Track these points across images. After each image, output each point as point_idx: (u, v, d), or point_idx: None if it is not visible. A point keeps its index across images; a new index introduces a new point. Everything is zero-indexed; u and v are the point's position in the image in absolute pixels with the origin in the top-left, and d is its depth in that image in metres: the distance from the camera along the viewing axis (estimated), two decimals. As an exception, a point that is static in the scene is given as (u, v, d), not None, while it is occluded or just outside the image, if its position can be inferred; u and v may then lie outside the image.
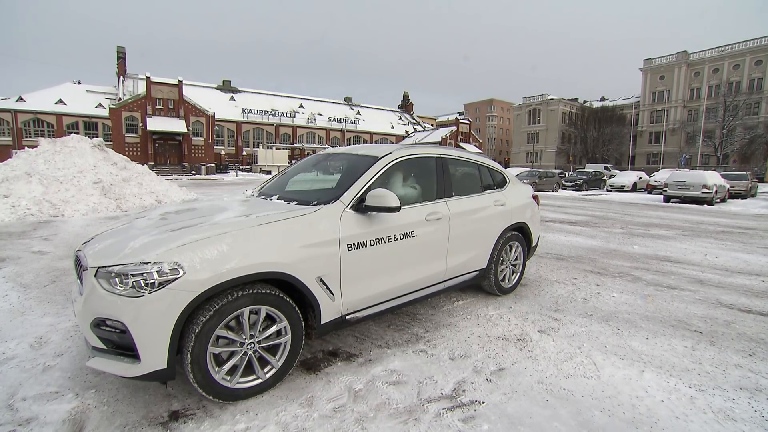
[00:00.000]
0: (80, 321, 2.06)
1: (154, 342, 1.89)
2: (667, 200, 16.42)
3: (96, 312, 1.95)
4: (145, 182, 11.06)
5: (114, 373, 1.94)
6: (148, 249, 1.99)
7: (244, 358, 2.15)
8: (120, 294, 1.89)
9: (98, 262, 2.02)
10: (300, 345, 2.33)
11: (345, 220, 2.51)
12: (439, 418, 2.00)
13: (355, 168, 2.95)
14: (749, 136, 47.33)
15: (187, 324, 1.98)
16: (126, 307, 1.87)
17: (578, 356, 2.69)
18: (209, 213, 2.56)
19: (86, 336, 2.04)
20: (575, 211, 11.98)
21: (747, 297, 4.07)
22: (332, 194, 2.64)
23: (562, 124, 69.11)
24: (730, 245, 6.88)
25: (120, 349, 1.98)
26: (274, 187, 3.44)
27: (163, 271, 1.89)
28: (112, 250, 2.09)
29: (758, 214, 12.39)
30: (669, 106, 58.77)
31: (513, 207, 3.94)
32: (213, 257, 1.99)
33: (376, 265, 2.65)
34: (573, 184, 23.98)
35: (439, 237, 3.12)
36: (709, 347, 2.89)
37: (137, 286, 1.89)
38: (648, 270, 5.05)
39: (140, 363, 1.89)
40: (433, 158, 3.36)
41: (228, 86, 57.31)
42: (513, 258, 4.05)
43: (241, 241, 2.11)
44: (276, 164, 40.76)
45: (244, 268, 2.05)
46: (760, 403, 2.21)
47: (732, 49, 54.18)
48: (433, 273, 3.10)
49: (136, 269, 1.90)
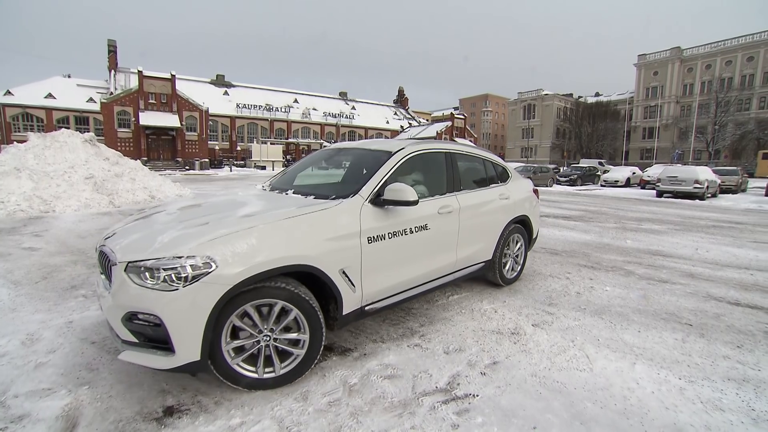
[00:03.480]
0: (109, 315, 2.08)
1: (189, 334, 1.94)
2: (660, 195, 16.57)
3: (128, 306, 1.97)
4: (138, 177, 10.94)
5: (147, 366, 1.99)
6: (179, 243, 2.03)
7: (266, 349, 2.20)
8: (153, 288, 1.92)
9: (128, 256, 2.04)
10: (322, 335, 2.35)
11: (364, 214, 2.57)
12: (433, 411, 2.02)
13: (370, 163, 3.02)
14: (740, 132, 47.84)
15: (218, 316, 2.02)
16: (161, 300, 1.91)
17: (571, 349, 2.72)
18: (230, 207, 2.60)
19: (116, 330, 2.06)
20: (569, 206, 12.06)
21: (736, 290, 4.13)
22: (351, 188, 2.70)
23: (557, 120, 69.31)
24: (720, 239, 6.97)
25: (152, 342, 2.01)
26: (286, 181, 3.49)
27: (196, 264, 1.94)
28: (140, 245, 2.10)
29: (748, 209, 12.55)
30: (662, 101, 59.15)
31: (516, 200, 4.05)
32: (243, 251, 2.03)
33: (393, 257, 2.72)
34: (567, 179, 24.07)
35: (450, 230, 3.21)
36: (698, 339, 2.93)
37: (169, 280, 1.92)
38: (641, 264, 5.10)
39: (175, 355, 1.94)
40: (442, 153, 3.44)
41: (222, 81, 56.71)
42: (516, 250, 4.18)
43: (269, 235, 2.17)
44: (271, 159, 40.51)
45: (274, 261, 2.10)
46: (747, 394, 2.26)
47: (724, 46, 54.53)
48: (444, 264, 3.20)
49: (169, 263, 1.93)
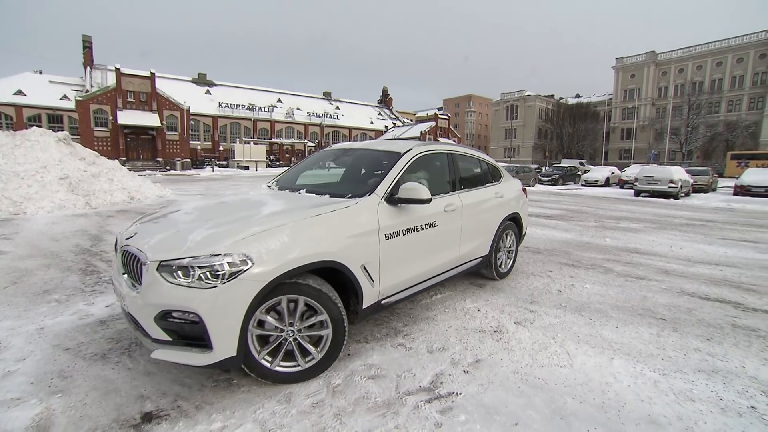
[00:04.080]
0: (139, 315, 2.08)
1: (226, 330, 1.98)
2: (637, 194, 17.05)
3: (163, 304, 1.98)
4: (117, 178, 10.64)
5: (183, 363, 2.00)
6: (214, 241, 2.07)
7: (291, 343, 2.25)
8: (190, 286, 1.95)
9: (159, 255, 2.05)
10: (345, 330, 2.41)
11: (381, 211, 2.68)
12: (417, 410, 2.03)
13: (381, 163, 3.16)
14: (710, 134, 49.85)
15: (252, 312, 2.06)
16: (199, 297, 1.94)
17: (552, 346, 2.77)
18: (250, 207, 2.70)
19: (146, 329, 2.06)
20: (551, 205, 12.30)
21: (707, 285, 4.29)
22: (366, 187, 2.83)
23: (539, 120, 70.61)
24: (692, 237, 7.23)
25: (187, 339, 2.03)
26: (295, 181, 3.60)
27: (233, 262, 1.98)
28: (172, 244, 2.12)
29: (718, 207, 13.05)
30: (639, 103, 61.00)
31: (508, 199, 4.29)
32: (277, 248, 2.11)
33: (406, 252, 2.84)
34: (549, 178, 24.52)
35: (455, 227, 3.38)
36: (672, 333, 3.03)
37: (205, 277, 1.96)
38: (619, 262, 5.24)
39: (212, 351, 1.97)
40: (444, 154, 3.64)
41: (204, 79, 55.65)
42: (508, 245, 4.40)
43: (299, 232, 2.25)
44: (254, 159, 40.01)
45: (305, 258, 2.18)
46: (716, 384, 2.35)
47: (695, 51, 56.76)
48: (448, 260, 3.37)
49: (206, 261, 1.98)
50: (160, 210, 3.02)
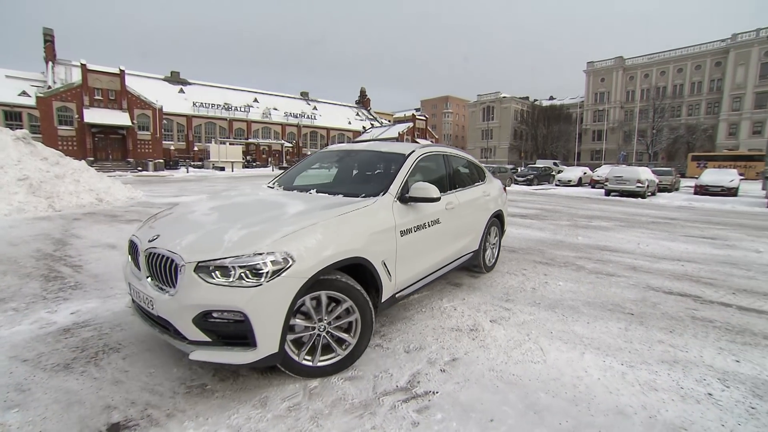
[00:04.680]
0: (174, 318, 2.07)
1: (270, 327, 2.04)
2: (608, 194, 17.69)
3: (203, 305, 1.99)
4: (83, 179, 10.17)
5: (226, 362, 2.03)
6: (254, 241, 2.11)
7: (319, 339, 2.33)
8: (232, 285, 1.98)
9: (196, 257, 2.06)
10: (372, 322, 2.52)
11: (395, 210, 2.84)
12: (394, 410, 2.04)
13: (388, 164, 3.35)
14: (674, 136, 52.56)
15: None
16: (245, 296, 1.97)
17: (527, 343, 2.84)
18: (271, 207, 2.77)
19: (182, 331, 2.06)
20: (526, 205, 12.59)
21: (670, 280, 4.50)
22: (378, 187, 2.98)
23: (515, 122, 72.25)
24: (658, 234, 7.57)
25: (227, 338, 2.06)
26: (299, 181, 3.71)
27: (276, 260, 2.05)
28: (207, 245, 2.14)
29: (680, 206, 13.71)
30: (609, 106, 63.39)
31: (494, 197, 4.61)
32: (313, 246, 2.19)
33: (416, 248, 3.01)
34: (525, 179, 25.05)
35: (454, 224, 3.60)
36: (638, 327, 3.16)
37: (245, 276, 2.00)
38: (590, 259, 5.42)
39: (256, 349, 2.02)
40: (441, 155, 3.85)
41: (177, 78, 54.00)
42: (493, 240, 4.73)
43: (330, 231, 2.34)
44: (230, 160, 39.13)
45: (338, 255, 2.28)
46: (677, 373, 2.48)
47: (659, 57, 59.67)
48: (448, 255, 3.59)
49: (249, 260, 2.02)
50: (166, 211, 2.97)
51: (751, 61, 51.00)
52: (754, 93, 50.70)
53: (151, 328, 2.33)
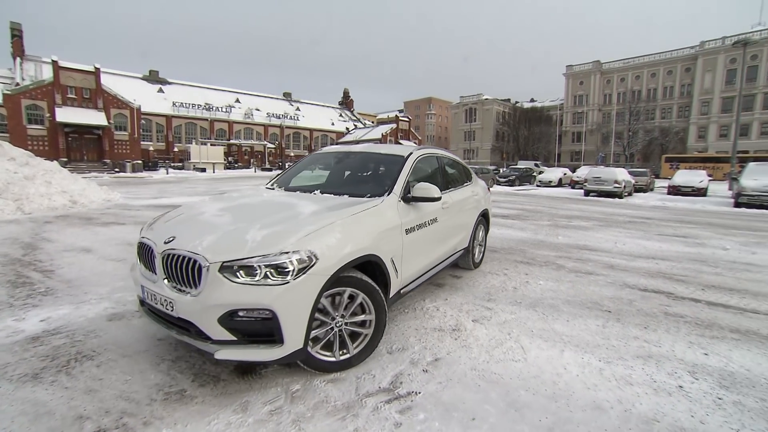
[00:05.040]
0: (198, 318, 2.08)
1: (296, 324, 2.10)
2: (587, 194, 18.15)
3: (228, 304, 2.02)
4: (55, 180, 9.80)
5: (253, 360, 2.09)
6: (279, 240, 2.15)
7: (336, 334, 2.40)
8: (260, 284, 2.03)
9: (221, 257, 2.08)
10: (386, 317, 2.61)
11: (399, 209, 2.96)
12: (376, 412, 2.04)
13: (389, 165, 3.46)
14: (648, 138, 54.47)
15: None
16: (272, 294, 2.01)
17: (508, 342, 2.88)
18: (283, 207, 2.80)
19: (207, 331, 2.07)
20: (508, 205, 12.79)
21: (645, 278, 4.65)
22: (382, 188, 3.09)
23: (497, 123, 73.37)
24: (634, 233, 7.80)
25: (253, 336, 2.09)
26: (299, 182, 3.75)
27: (302, 258, 2.10)
28: (230, 245, 2.15)
29: (655, 206, 14.18)
30: (587, 109, 65.13)
31: (481, 197, 4.82)
32: (333, 244, 2.27)
33: (419, 245, 3.13)
34: (506, 179, 25.43)
35: (448, 222, 3.75)
36: (615, 324, 3.25)
37: (271, 275, 2.05)
38: (570, 258, 5.54)
39: (283, 345, 2.07)
40: (434, 156, 3.98)
41: (155, 77, 52.75)
42: (480, 238, 4.91)
43: (346, 229, 2.42)
44: (211, 161, 38.46)
45: (355, 252, 2.37)
46: (650, 367, 2.56)
47: (634, 62, 61.78)
48: (444, 252, 3.73)
49: (275, 259, 2.06)
50: (172, 213, 2.93)
51: (717, 68, 53.46)
52: (720, 98, 53.15)
53: (166, 329, 2.32)
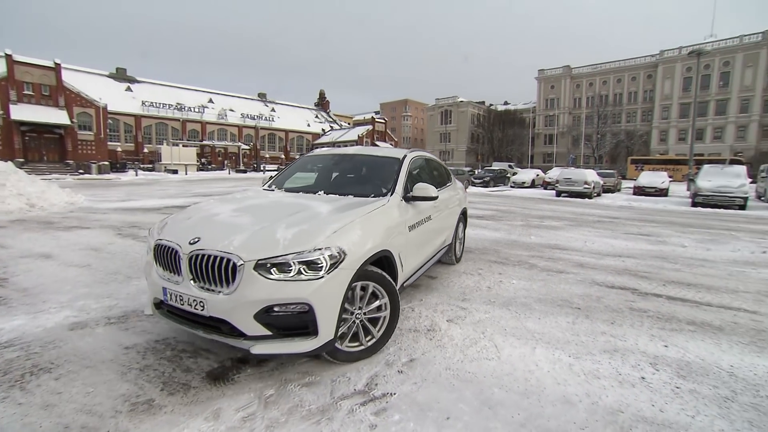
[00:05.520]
0: (233, 315, 2.15)
1: (329, 316, 2.22)
2: (559, 195, 18.75)
3: (265, 300, 2.12)
4: (10, 182, 9.23)
5: (288, 353, 2.18)
6: (309, 238, 2.27)
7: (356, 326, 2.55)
8: (295, 279, 2.15)
9: (256, 255, 2.17)
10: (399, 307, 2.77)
11: (401, 207, 3.17)
12: (351, 414, 2.03)
13: (387, 167, 3.65)
14: (615, 141, 56.94)
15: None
16: (309, 288, 2.14)
17: (482, 341, 2.93)
18: (298, 207, 2.84)
19: (242, 328, 2.15)
20: (482, 206, 13.03)
21: (612, 275, 4.85)
22: (384, 188, 3.32)
23: (472, 125, 74.72)
24: (602, 232, 8.12)
25: (287, 330, 2.20)
26: (296, 183, 3.88)
27: (333, 254, 2.24)
28: (262, 244, 2.24)
29: (622, 205, 14.83)
30: (558, 112, 67.38)
31: (461, 196, 5.16)
32: (356, 240, 2.43)
33: (418, 241, 3.38)
34: (481, 181, 25.86)
35: (439, 220, 4.01)
36: (584, 320, 3.37)
37: (304, 270, 2.17)
38: (542, 257, 5.70)
39: (317, 337, 2.19)
40: (423, 159, 4.28)
41: (123, 75, 50.74)
42: (461, 235, 5.25)
43: (365, 227, 2.60)
44: (183, 163, 37.28)
45: (374, 248, 2.55)
46: (616, 361, 2.67)
47: (601, 68, 64.47)
48: (435, 247, 4.02)
49: (309, 256, 2.18)
50: (180, 216, 2.90)
51: (675, 76, 56.77)
52: (678, 104, 56.42)
53: (190, 329, 2.37)
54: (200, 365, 2.49)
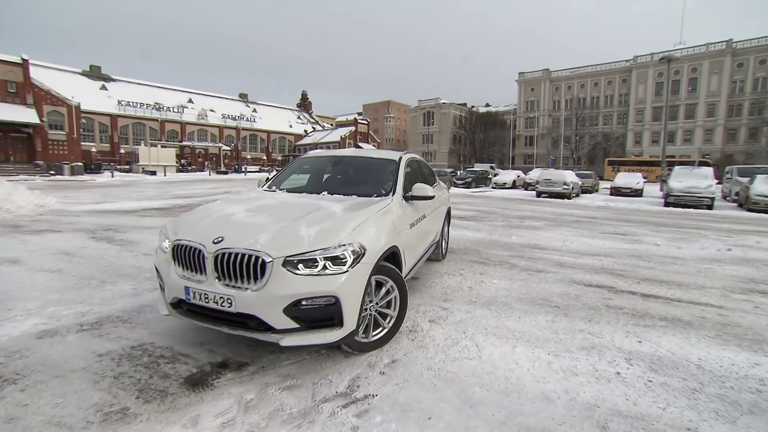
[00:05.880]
0: (262, 310, 2.23)
1: (353, 307, 2.36)
2: (539, 195, 19.12)
3: (294, 294, 2.22)
4: (-26, 185, 8.81)
5: (316, 343, 2.30)
6: (333, 235, 2.41)
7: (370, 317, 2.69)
8: (322, 274, 2.27)
9: (284, 252, 2.27)
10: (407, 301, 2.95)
11: (402, 206, 3.37)
12: (333, 417, 2.02)
13: (386, 169, 3.87)
14: (593, 143, 58.58)
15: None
16: (336, 282, 2.27)
17: (463, 340, 2.96)
18: (310, 207, 2.91)
19: (271, 322, 2.24)
20: (464, 207, 13.18)
21: (590, 274, 4.98)
22: (385, 188, 3.52)
23: (454, 127, 75.44)
24: (581, 232, 8.33)
25: (313, 322, 2.31)
26: (296, 184, 3.98)
27: (355, 250, 2.39)
28: (288, 242, 2.35)
29: (600, 206, 15.25)
30: (538, 114, 68.80)
31: (446, 195, 5.44)
32: (373, 237, 2.58)
33: (417, 238, 3.59)
34: (463, 182, 26.04)
35: (430, 218, 4.22)
36: (563, 318, 3.44)
37: (329, 266, 2.30)
38: (522, 257, 5.80)
39: (342, 327, 2.32)
40: (415, 160, 4.50)
41: (98, 73, 49.10)
42: (446, 232, 5.48)
43: (377, 224, 2.76)
44: (162, 164, 36.31)
45: (387, 244, 2.70)
46: (593, 358, 2.74)
47: (579, 72, 66.27)
48: (427, 244, 4.22)
49: (335, 252, 2.32)
50: (189, 218, 2.91)
51: (648, 80, 58.94)
52: (651, 107, 58.59)
53: (213, 326, 2.43)
54: (179, 371, 2.43)
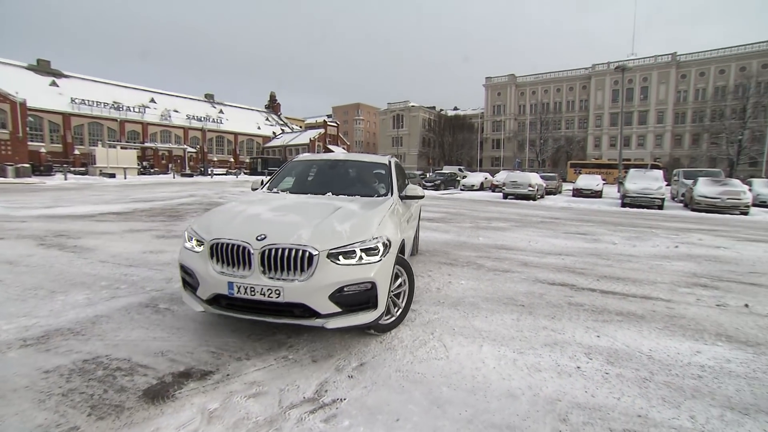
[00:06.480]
0: (310, 298, 2.50)
1: (384, 292, 2.73)
2: (505, 197, 19.71)
3: (338, 282, 2.53)
4: None
5: (357, 324, 2.63)
6: (365, 230, 2.77)
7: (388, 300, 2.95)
8: (360, 264, 2.61)
9: (327, 245, 2.57)
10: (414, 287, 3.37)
11: (400, 204, 3.82)
12: (300, 423, 1.98)
13: (379, 171, 4.43)
14: (556, 146, 61.27)
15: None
16: (373, 269, 2.63)
17: (431, 341, 2.99)
18: (329, 208, 3.15)
19: (317, 308, 2.51)
20: (433, 209, 13.36)
21: (553, 273, 5.18)
22: (383, 189, 4.04)
23: (423, 130, 76.50)
24: (545, 232, 8.66)
25: (352, 306, 2.62)
26: (296, 186, 4.25)
27: (384, 242, 2.76)
28: (328, 237, 2.64)
29: (563, 207, 15.94)
30: (505, 118, 71.11)
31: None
32: (392, 232, 2.95)
33: (409, 233, 4.06)
34: (432, 184, 26.41)
35: (413, 215, 4.63)
36: (528, 317, 3.56)
37: (364, 256, 2.64)
38: (489, 258, 5.95)
39: (376, 309, 2.68)
40: (398, 163, 4.89)
41: (46, 68, 46.11)
42: (418, 229, 6.06)
43: (393, 221, 3.14)
44: (122, 166, 34.46)
45: (400, 238, 3.10)
46: (556, 353, 2.85)
47: (543, 78, 69.13)
48: (411, 240, 4.64)
49: (370, 243, 2.69)
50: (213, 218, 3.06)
51: (605, 87, 62.57)
52: (609, 113, 62.18)
53: (255, 317, 2.65)
54: (137, 383, 2.31)
